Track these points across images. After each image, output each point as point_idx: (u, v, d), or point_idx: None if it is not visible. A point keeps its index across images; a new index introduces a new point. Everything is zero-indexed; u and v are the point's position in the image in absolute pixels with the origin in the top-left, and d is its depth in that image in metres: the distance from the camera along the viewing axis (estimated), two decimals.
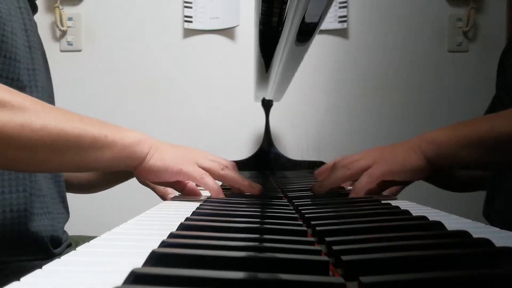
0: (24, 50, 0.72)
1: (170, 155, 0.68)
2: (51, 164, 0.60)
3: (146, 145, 0.66)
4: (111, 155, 0.62)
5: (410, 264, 0.30)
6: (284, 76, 1.08)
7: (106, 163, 0.64)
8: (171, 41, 1.73)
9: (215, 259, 0.30)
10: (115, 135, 0.63)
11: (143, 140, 0.66)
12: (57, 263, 0.32)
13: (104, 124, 0.63)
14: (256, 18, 0.72)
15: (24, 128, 0.54)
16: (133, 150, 0.65)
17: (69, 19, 1.71)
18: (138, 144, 0.65)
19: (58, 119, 0.57)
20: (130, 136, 0.65)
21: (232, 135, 1.72)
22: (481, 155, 0.65)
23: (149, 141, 0.67)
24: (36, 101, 0.58)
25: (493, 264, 0.31)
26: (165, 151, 0.68)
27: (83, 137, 0.59)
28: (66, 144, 0.58)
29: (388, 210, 0.55)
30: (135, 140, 0.65)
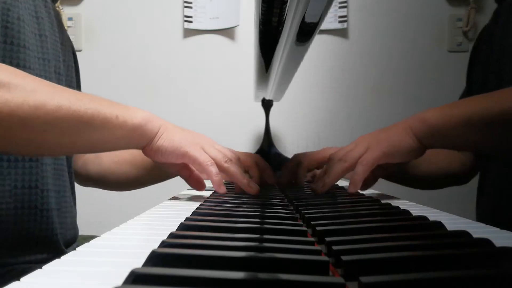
0: (33, 38, 0.72)
1: (178, 137, 0.68)
2: (62, 146, 0.60)
3: (156, 124, 0.66)
4: (121, 134, 0.63)
5: (410, 264, 0.30)
6: (284, 76, 1.08)
7: (117, 143, 0.64)
8: (171, 41, 1.73)
9: (215, 259, 0.30)
10: (125, 115, 0.63)
11: (152, 119, 0.66)
12: (57, 263, 0.32)
13: (114, 104, 0.63)
14: (256, 18, 0.72)
15: (38, 110, 0.54)
16: (143, 129, 0.65)
17: (69, 19, 1.71)
18: (148, 123, 0.65)
19: (71, 100, 0.57)
20: (139, 115, 0.65)
21: (232, 135, 1.72)
22: (471, 135, 0.65)
23: (158, 120, 0.67)
24: (48, 83, 0.58)
25: (493, 264, 0.31)
26: (174, 132, 0.68)
27: (96, 118, 0.59)
28: (79, 125, 0.58)
29: (388, 210, 0.55)
30: (144, 119, 0.65)
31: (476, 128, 0.63)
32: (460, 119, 0.64)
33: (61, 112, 0.56)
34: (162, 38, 1.73)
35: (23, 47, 0.69)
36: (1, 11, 0.66)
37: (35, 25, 0.73)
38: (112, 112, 0.61)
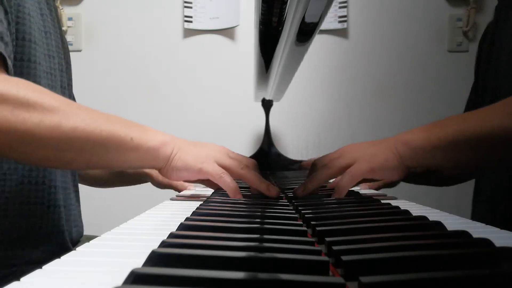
0: (40, 35, 0.73)
1: (191, 155, 0.69)
2: (78, 163, 0.62)
3: (169, 147, 0.67)
4: (136, 157, 0.64)
5: (410, 264, 0.30)
6: (284, 76, 1.08)
7: (132, 164, 0.65)
8: (171, 41, 1.73)
9: (215, 259, 0.30)
10: (140, 137, 0.64)
11: (167, 142, 0.67)
12: (57, 263, 0.32)
13: (130, 125, 0.65)
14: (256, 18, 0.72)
15: (54, 131, 0.56)
16: (157, 152, 0.66)
17: (69, 19, 1.71)
18: (162, 146, 0.66)
19: (86, 121, 0.59)
20: (154, 138, 0.66)
21: (232, 135, 1.72)
22: (454, 157, 0.65)
23: (173, 142, 0.68)
24: (65, 101, 0.59)
25: (493, 264, 0.31)
26: (187, 151, 0.69)
27: (110, 140, 0.61)
28: (94, 147, 0.60)
29: (388, 210, 0.55)
30: (159, 142, 0.66)
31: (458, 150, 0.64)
32: (442, 141, 0.65)
33: (76, 133, 0.57)
34: (162, 38, 1.73)
35: (34, 43, 0.70)
36: (14, 8, 0.67)
37: (40, 21, 0.74)
38: (128, 134, 0.63)
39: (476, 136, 0.62)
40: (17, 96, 0.54)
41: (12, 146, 0.55)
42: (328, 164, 0.71)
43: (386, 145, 0.70)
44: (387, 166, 0.68)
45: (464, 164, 0.70)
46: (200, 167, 0.68)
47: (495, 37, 0.93)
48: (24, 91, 0.55)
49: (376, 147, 0.70)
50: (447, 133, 0.65)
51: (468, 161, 0.67)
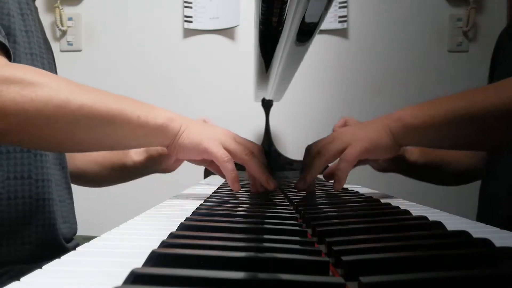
0: (21, 34, 0.73)
1: (198, 134, 0.69)
2: (88, 143, 0.63)
3: (177, 124, 0.68)
4: (143, 133, 0.65)
5: (410, 264, 0.30)
6: (284, 76, 1.08)
7: (140, 141, 0.67)
8: (171, 41, 1.73)
9: (215, 259, 0.30)
10: (148, 115, 0.65)
11: (174, 118, 0.68)
12: (57, 263, 0.32)
13: (136, 104, 0.65)
14: (256, 18, 0.72)
15: (62, 108, 0.56)
16: (165, 129, 0.66)
17: (69, 19, 1.71)
18: (170, 123, 0.67)
19: (94, 99, 0.59)
20: (162, 115, 0.66)
21: None
22: (447, 135, 0.65)
23: (180, 119, 0.69)
24: (71, 82, 0.60)
25: (493, 264, 0.31)
26: (194, 130, 0.69)
27: (117, 117, 0.61)
28: (101, 124, 0.60)
29: (388, 210, 0.55)
30: (166, 119, 0.67)
31: (451, 127, 0.64)
32: (435, 119, 0.65)
33: (83, 111, 0.58)
34: (162, 38, 1.73)
35: (14, 43, 0.70)
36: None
37: (21, 21, 0.74)
38: (134, 111, 0.63)
39: (469, 113, 0.62)
40: (24, 77, 0.55)
41: (22, 128, 0.55)
42: (322, 151, 0.70)
43: (378, 124, 0.70)
44: (380, 145, 0.68)
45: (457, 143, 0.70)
46: (206, 147, 0.68)
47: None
48: (30, 74, 0.56)
49: (368, 127, 0.70)
50: (440, 111, 0.65)
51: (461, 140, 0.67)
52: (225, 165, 0.69)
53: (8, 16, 0.69)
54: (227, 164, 0.69)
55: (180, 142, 0.68)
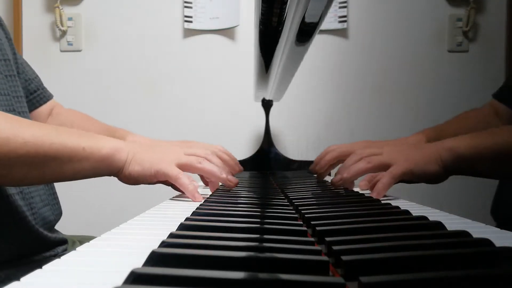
0: None
1: (147, 159, 0.69)
2: (32, 178, 0.62)
3: (124, 153, 0.67)
4: (90, 166, 0.64)
5: (410, 264, 0.30)
6: (284, 76, 1.08)
7: (86, 173, 0.65)
8: (171, 41, 1.73)
9: (215, 259, 0.30)
10: (92, 146, 0.64)
11: (120, 148, 0.67)
12: (57, 263, 0.32)
13: (81, 135, 0.65)
14: (256, 18, 0.72)
15: (2, 147, 0.55)
16: (111, 160, 0.66)
17: (69, 19, 1.71)
18: (116, 153, 0.66)
19: (36, 135, 0.58)
20: (107, 146, 0.66)
21: (232, 135, 1.72)
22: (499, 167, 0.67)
23: (127, 148, 0.68)
24: (13, 118, 0.59)
25: (493, 264, 0.31)
26: (142, 156, 0.69)
27: (61, 152, 0.61)
28: (45, 160, 0.60)
29: (388, 210, 0.55)
30: (112, 149, 0.66)
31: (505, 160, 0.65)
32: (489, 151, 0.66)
33: (25, 148, 0.57)
34: (162, 38, 1.73)
35: None
36: None
37: None
38: (79, 144, 0.63)
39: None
40: None
41: None
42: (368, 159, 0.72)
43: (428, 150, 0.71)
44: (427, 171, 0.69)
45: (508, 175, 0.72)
46: (156, 169, 0.68)
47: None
48: None
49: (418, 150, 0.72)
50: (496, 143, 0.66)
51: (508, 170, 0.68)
52: (179, 182, 0.69)
53: None
54: (181, 180, 0.69)
55: (130, 170, 0.68)
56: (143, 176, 0.68)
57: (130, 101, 1.73)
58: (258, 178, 1.19)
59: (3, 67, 0.81)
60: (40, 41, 1.71)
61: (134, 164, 0.68)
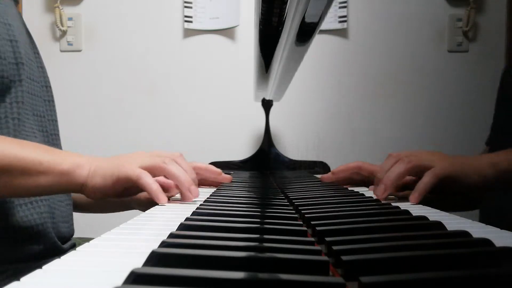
0: (6, 45, 0.72)
1: (108, 168, 0.65)
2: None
3: (85, 169, 0.64)
4: (47, 181, 0.62)
5: (410, 264, 0.30)
6: (284, 76, 1.08)
7: (45, 188, 0.63)
8: (171, 41, 1.73)
9: (215, 259, 0.30)
10: (51, 161, 0.62)
11: (81, 164, 0.64)
12: (57, 263, 0.32)
13: (43, 150, 0.63)
14: (256, 18, 0.72)
15: None
16: (72, 176, 0.63)
17: (69, 19, 1.71)
18: (76, 169, 0.64)
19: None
20: (69, 161, 0.63)
21: (232, 135, 1.72)
22: None
23: (88, 163, 0.65)
24: None
25: (493, 264, 0.31)
26: (104, 165, 0.66)
27: (14, 165, 0.59)
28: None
29: (388, 210, 0.55)
30: (72, 165, 0.63)
31: None
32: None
33: None
34: (162, 38, 1.73)
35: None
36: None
37: (5, 31, 0.73)
38: (36, 158, 0.60)
39: None
40: None
41: None
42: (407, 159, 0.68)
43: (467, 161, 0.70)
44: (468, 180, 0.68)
45: None
46: (118, 174, 0.65)
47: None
48: None
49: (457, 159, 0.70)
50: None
51: None
52: (142, 181, 0.64)
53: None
54: (144, 179, 0.64)
55: (93, 183, 0.64)
56: (104, 188, 0.65)
57: (130, 101, 1.73)
58: (258, 178, 1.19)
59: (44, 92, 0.82)
60: (40, 41, 1.71)
61: (96, 176, 0.64)
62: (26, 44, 0.79)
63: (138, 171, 0.65)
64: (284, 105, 1.61)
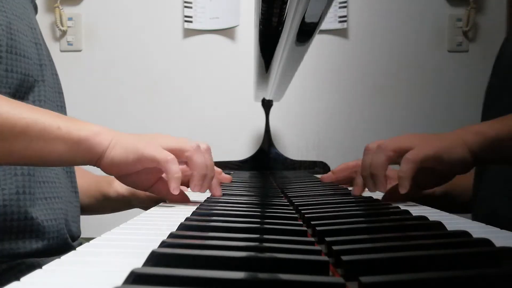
0: (31, 47, 0.74)
1: (131, 142, 0.62)
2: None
3: (106, 137, 0.61)
4: (65, 147, 0.59)
5: (410, 264, 0.30)
6: (284, 76, 1.08)
7: (61, 156, 0.59)
8: (171, 41, 1.73)
9: (215, 259, 0.30)
10: (70, 126, 0.59)
11: (102, 132, 0.61)
12: (57, 263, 0.32)
13: (59, 116, 0.61)
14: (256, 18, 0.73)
15: None
16: (91, 143, 0.59)
17: (69, 19, 1.71)
18: (97, 136, 0.60)
19: (5, 109, 0.56)
20: (88, 128, 0.60)
21: (232, 135, 1.72)
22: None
23: (110, 133, 0.62)
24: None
25: (493, 264, 0.31)
26: (127, 140, 0.62)
27: (32, 127, 0.57)
28: (13, 133, 0.56)
29: (388, 210, 0.55)
30: (93, 132, 0.60)
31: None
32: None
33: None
34: (162, 38, 1.73)
35: (24, 57, 0.71)
36: (6, 26, 0.69)
37: (31, 34, 0.75)
38: (53, 122, 0.58)
39: None
40: None
41: None
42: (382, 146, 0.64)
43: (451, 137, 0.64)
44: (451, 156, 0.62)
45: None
46: (142, 151, 0.61)
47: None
48: None
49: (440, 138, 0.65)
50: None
51: None
52: (168, 166, 0.61)
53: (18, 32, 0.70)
54: (170, 165, 0.61)
55: (112, 155, 0.60)
56: (126, 161, 0.61)
57: (130, 101, 1.73)
58: (258, 178, 1.19)
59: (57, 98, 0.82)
60: None
61: (117, 148, 0.61)
62: (46, 49, 0.81)
63: (166, 154, 0.62)
64: (284, 105, 1.61)
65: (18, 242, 0.71)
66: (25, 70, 0.71)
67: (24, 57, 0.71)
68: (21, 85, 0.71)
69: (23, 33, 0.73)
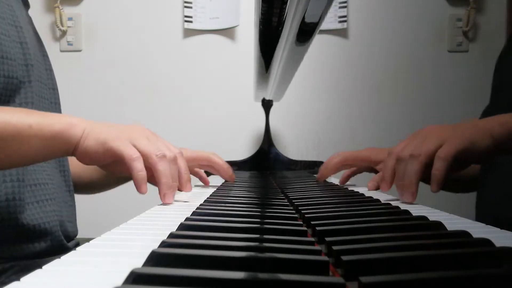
0: (15, 47, 0.72)
1: (104, 133, 0.62)
2: None
3: (79, 128, 0.62)
4: (40, 144, 0.60)
5: (410, 264, 0.30)
6: (284, 76, 1.08)
7: (39, 153, 0.61)
8: (171, 41, 1.73)
9: (215, 259, 0.30)
10: (42, 123, 0.60)
11: (75, 123, 0.62)
12: (57, 263, 0.32)
13: (31, 113, 0.61)
14: (256, 18, 0.72)
15: None
16: (65, 135, 0.61)
17: (69, 19, 1.71)
18: (71, 128, 0.61)
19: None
20: (62, 121, 0.61)
21: (232, 135, 1.72)
22: None
23: (83, 123, 0.63)
24: None
25: (493, 264, 0.31)
26: (100, 131, 0.63)
27: (4, 130, 0.58)
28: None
29: (388, 210, 0.55)
30: (67, 124, 0.61)
31: None
32: None
33: None
34: (162, 38, 1.73)
35: (7, 58, 0.70)
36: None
37: (15, 34, 0.73)
38: (25, 121, 0.59)
39: None
40: None
41: None
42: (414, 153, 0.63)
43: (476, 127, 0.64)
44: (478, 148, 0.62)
45: None
46: (111, 145, 0.61)
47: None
48: None
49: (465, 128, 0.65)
50: None
51: None
52: (132, 163, 0.61)
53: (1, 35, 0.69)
54: (134, 163, 0.61)
55: (86, 144, 0.62)
56: (97, 153, 0.62)
57: (130, 101, 1.73)
58: (258, 178, 1.19)
59: (51, 94, 0.82)
60: None
61: (90, 139, 0.62)
62: (35, 46, 0.79)
63: (132, 151, 0.62)
64: (284, 105, 1.61)
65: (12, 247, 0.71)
66: (9, 72, 0.70)
67: (6, 58, 0.69)
68: (5, 88, 0.70)
69: (5, 33, 0.71)
